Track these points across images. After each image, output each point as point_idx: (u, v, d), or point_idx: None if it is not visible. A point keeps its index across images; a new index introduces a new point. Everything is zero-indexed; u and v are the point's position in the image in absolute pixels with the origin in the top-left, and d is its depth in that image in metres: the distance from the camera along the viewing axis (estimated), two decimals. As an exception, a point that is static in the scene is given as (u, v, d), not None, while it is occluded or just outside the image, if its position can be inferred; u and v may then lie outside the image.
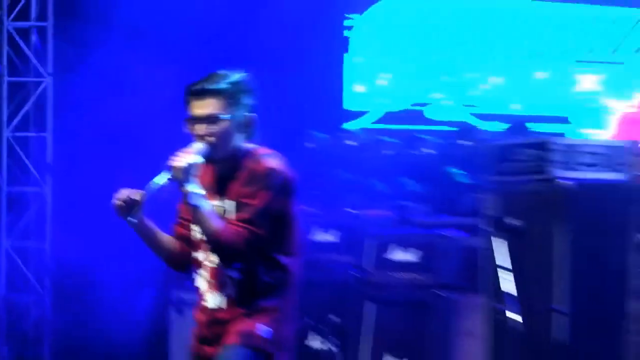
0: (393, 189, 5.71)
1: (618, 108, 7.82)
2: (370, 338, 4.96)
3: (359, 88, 7.85)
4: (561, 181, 4.24)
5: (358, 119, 7.80)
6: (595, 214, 4.28)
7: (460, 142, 5.78)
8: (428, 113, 7.84)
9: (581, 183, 4.29)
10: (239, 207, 2.69)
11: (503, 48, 8.09)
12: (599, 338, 4.22)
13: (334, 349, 5.04)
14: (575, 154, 4.29)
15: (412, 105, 7.82)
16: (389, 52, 7.95)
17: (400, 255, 4.92)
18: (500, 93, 8.01)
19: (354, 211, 5.50)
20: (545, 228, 4.30)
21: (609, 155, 4.35)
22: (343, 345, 5.05)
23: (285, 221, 2.73)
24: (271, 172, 2.71)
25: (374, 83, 7.87)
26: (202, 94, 2.69)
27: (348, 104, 7.83)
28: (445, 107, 7.87)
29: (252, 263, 2.68)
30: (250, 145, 2.81)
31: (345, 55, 7.85)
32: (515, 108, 7.99)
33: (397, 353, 4.85)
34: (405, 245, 4.93)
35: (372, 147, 6.25)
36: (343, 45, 7.84)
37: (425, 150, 5.84)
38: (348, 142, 6.36)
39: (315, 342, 5.16)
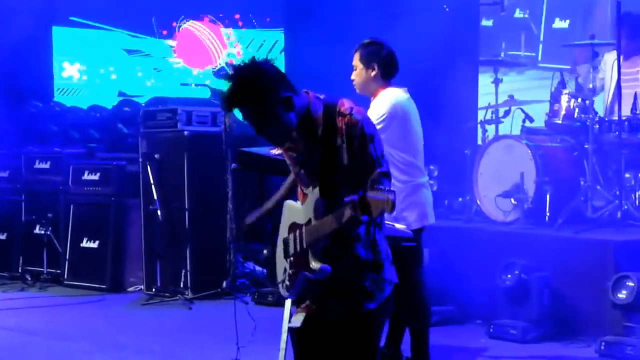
0: (85, 137, 8.25)
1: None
2: (74, 227, 7.35)
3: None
4: (185, 132, 6.86)
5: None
6: (205, 152, 6.87)
7: (125, 108, 8.38)
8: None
9: (195, 133, 6.91)
10: None
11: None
12: (208, 225, 6.80)
13: (49, 233, 7.34)
14: (192, 116, 6.94)
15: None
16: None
17: (90, 176, 7.37)
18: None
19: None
20: (176, 160, 6.88)
21: (213, 116, 7.01)
22: (55, 232, 7.37)
23: None
24: None
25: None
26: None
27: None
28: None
29: None
30: None
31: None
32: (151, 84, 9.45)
33: (91, 237, 7.32)
34: (93, 170, 7.42)
35: (76, 111, 8.52)
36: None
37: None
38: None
39: (39, 230, 7.45)
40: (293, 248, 3.00)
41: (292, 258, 3.01)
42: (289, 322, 3.08)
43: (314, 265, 2.89)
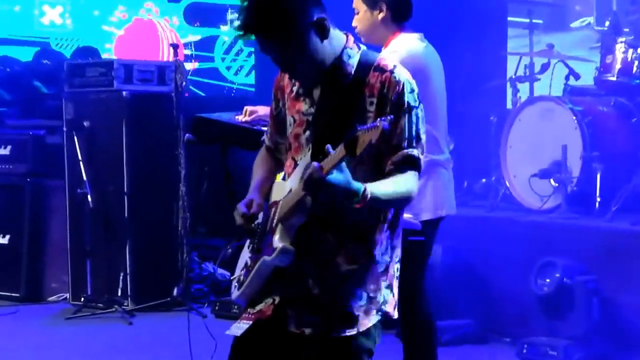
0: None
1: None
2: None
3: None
4: (123, 92, 6.85)
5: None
6: (151, 118, 6.92)
7: (44, 61, 8.22)
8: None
9: (137, 94, 6.90)
10: None
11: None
12: (155, 214, 6.90)
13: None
14: (133, 72, 6.93)
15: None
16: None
17: (-1, 150, 7.39)
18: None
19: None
20: (112, 129, 6.86)
21: (160, 71, 6.99)
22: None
23: None
24: None
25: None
26: None
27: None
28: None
29: None
30: None
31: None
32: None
33: (1, 229, 7.24)
34: (1, 142, 7.29)
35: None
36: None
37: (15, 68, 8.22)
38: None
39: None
40: (261, 231, 3.10)
41: (256, 244, 3.10)
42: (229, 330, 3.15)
43: (275, 243, 2.97)
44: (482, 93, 7.41)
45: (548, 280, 5.58)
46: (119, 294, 6.94)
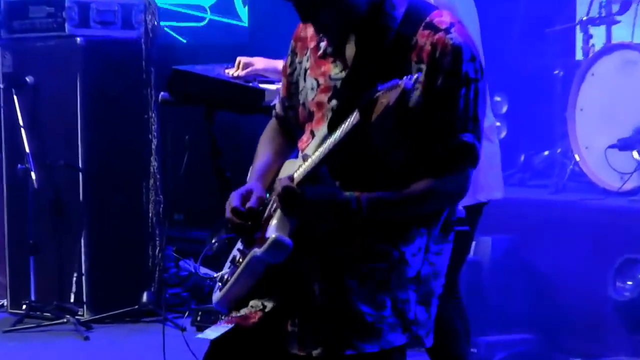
0: None
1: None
2: None
3: None
4: (77, 38, 6.79)
5: None
6: (114, 72, 6.88)
7: None
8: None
9: (95, 40, 6.88)
10: None
11: None
12: (118, 197, 6.92)
13: None
14: (90, 12, 6.86)
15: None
16: None
17: None
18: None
19: None
20: (63, 87, 6.83)
21: (124, 12, 6.92)
22: None
23: None
24: None
25: None
26: None
27: None
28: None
29: None
30: None
31: None
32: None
33: None
34: None
35: None
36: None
37: None
38: None
39: None
40: (253, 216, 3.14)
41: (251, 234, 3.14)
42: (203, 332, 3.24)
43: (269, 231, 3.01)
44: (544, 40, 7.39)
45: (630, 283, 5.60)
46: (72, 299, 6.94)
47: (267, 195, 3.18)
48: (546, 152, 6.93)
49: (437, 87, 2.95)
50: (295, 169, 3.05)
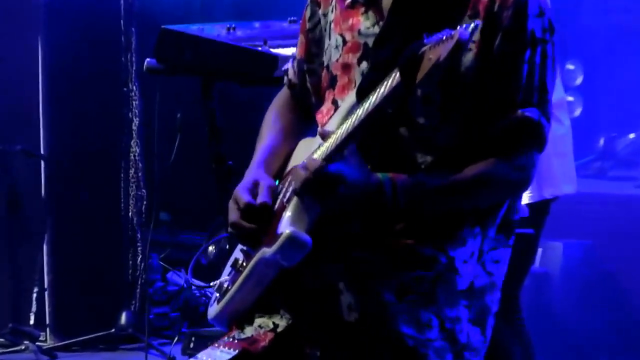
0: None
1: None
2: None
3: None
4: None
5: None
6: (83, 32, 6.94)
7: None
8: None
9: None
10: None
11: None
12: (90, 190, 6.97)
13: None
14: None
15: None
16: None
17: None
18: None
19: None
20: (19, 49, 6.90)
21: None
22: None
23: None
24: None
25: None
26: None
27: None
28: None
29: None
30: None
31: None
32: None
33: None
34: None
35: None
36: None
37: None
38: None
39: None
40: (267, 214, 3.11)
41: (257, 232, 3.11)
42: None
43: (283, 226, 2.96)
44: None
45: None
46: (32, 321, 6.94)
47: (277, 183, 3.17)
48: (631, 135, 7.00)
49: (494, 49, 2.95)
50: (314, 149, 3.02)
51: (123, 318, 6.89)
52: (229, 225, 3.12)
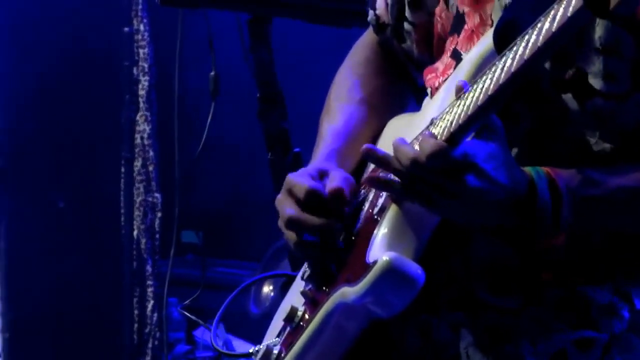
0: None
1: None
2: None
3: None
4: None
5: None
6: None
7: None
8: None
9: None
10: None
11: None
12: (72, 190, 6.26)
13: None
14: None
15: None
16: None
17: None
18: None
19: None
20: None
21: None
22: None
23: None
24: None
25: None
26: None
27: None
28: None
29: None
30: None
31: None
32: None
33: None
34: None
35: None
36: None
37: None
38: None
39: None
40: (347, 233, 2.72)
41: (325, 260, 2.79)
42: None
43: (375, 250, 2.49)
44: None
45: None
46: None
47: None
48: None
49: None
50: (423, 128, 2.55)
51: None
52: (283, 223, 2.52)
